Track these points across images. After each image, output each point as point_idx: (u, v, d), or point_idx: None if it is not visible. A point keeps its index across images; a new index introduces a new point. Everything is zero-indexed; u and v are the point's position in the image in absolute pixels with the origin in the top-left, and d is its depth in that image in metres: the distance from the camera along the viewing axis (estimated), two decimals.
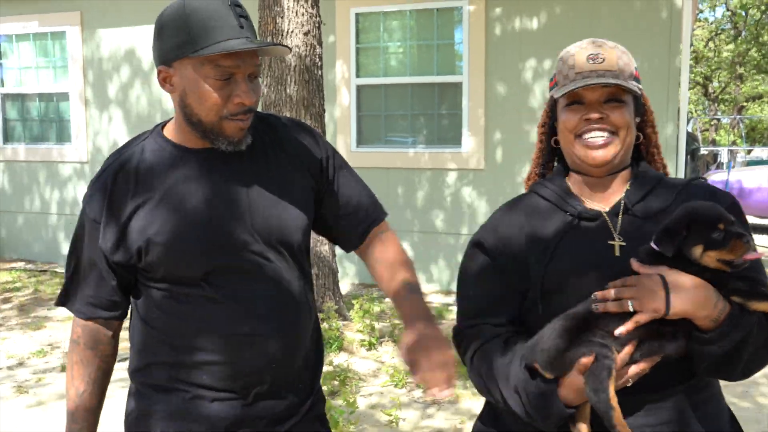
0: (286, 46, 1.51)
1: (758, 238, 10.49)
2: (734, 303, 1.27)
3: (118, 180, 1.52)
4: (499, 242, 1.50)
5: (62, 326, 5.82)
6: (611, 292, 1.30)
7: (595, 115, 1.41)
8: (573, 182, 1.51)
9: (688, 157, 15.52)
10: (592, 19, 6.26)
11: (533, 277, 1.43)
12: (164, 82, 1.50)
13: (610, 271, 1.34)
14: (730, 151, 17.93)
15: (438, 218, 6.89)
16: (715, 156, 18.87)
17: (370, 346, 5.11)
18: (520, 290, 1.46)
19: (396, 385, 4.40)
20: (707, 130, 30.95)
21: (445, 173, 6.84)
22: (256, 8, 5.37)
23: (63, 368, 4.83)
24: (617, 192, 1.47)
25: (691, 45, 22.15)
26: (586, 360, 1.27)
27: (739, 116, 27.71)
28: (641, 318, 1.26)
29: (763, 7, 20.33)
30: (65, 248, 8.23)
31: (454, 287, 6.73)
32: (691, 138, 15.19)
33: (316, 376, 1.72)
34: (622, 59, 1.43)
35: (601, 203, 1.47)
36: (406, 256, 1.73)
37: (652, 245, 1.32)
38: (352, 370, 4.63)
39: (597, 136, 1.41)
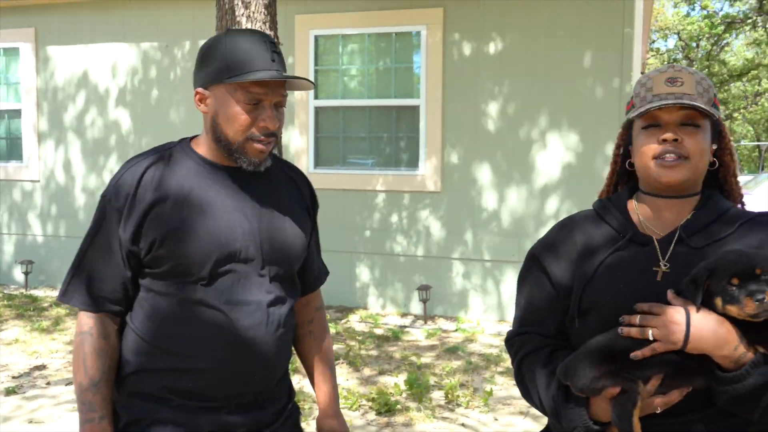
0: (311, 81, 1.68)
1: None
2: (759, 351, 1.30)
3: (146, 175, 1.62)
4: (552, 257, 1.56)
5: (7, 349, 5.66)
6: (636, 319, 1.34)
7: (669, 135, 1.41)
8: (639, 203, 1.53)
9: None
10: (546, 45, 6.39)
11: (574, 293, 1.48)
12: (200, 102, 1.66)
13: (648, 296, 1.37)
14: None
15: (395, 240, 6.91)
16: None
17: None
18: (566, 304, 1.52)
19: (350, 408, 4.37)
20: None
21: (403, 195, 6.88)
22: (214, 28, 5.36)
23: (8, 392, 4.69)
24: (679, 218, 1.48)
25: (644, 73, 22.75)
26: (613, 390, 1.33)
27: None
28: (659, 347, 1.31)
29: (712, 40, 21.02)
30: (15, 269, 8.03)
31: (410, 309, 6.80)
32: None
33: (290, 388, 1.84)
34: (701, 84, 1.44)
35: (660, 229, 1.48)
36: (331, 340, 1.99)
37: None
38: (305, 393, 4.59)
39: (669, 156, 1.42)
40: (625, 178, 1.61)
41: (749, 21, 19.88)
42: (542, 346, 1.53)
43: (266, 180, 1.72)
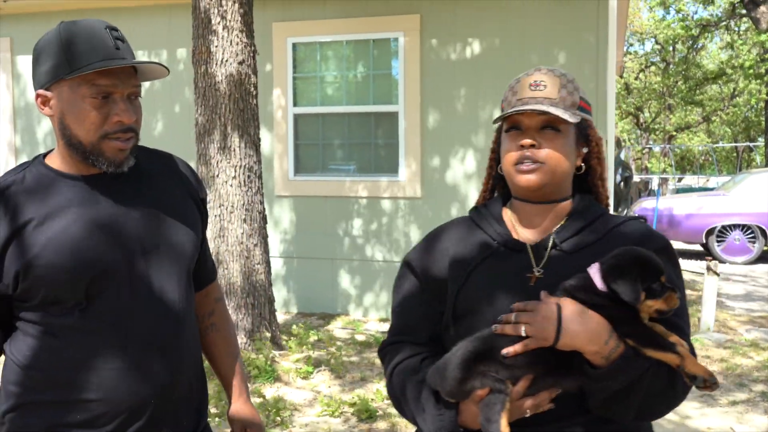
0: (163, 66, 1.53)
1: (686, 263, 10.84)
2: (629, 345, 1.29)
3: None
4: (426, 263, 1.53)
5: None
6: (512, 316, 1.32)
7: (526, 141, 1.41)
8: (512, 210, 1.53)
9: (622, 184, 16.01)
10: (521, 50, 6.44)
11: (448, 299, 1.46)
12: (43, 105, 1.50)
13: (519, 301, 1.35)
14: (662, 179, 18.55)
15: (375, 247, 6.92)
16: (646, 183, 19.50)
17: (306, 376, 5.07)
18: (440, 311, 1.49)
19: (331, 414, 4.37)
20: (640, 158, 32.03)
21: (383, 202, 6.89)
22: (191, 37, 5.36)
23: None
24: (552, 224, 1.48)
25: (622, 76, 22.93)
26: (481, 392, 1.30)
27: (669, 145, 28.76)
28: (530, 343, 1.28)
29: (688, 43, 21.27)
30: None
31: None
32: (624, 166, 15.68)
33: (201, 408, 1.70)
34: (566, 88, 1.44)
35: (533, 235, 1.48)
36: (234, 331, 1.88)
37: (602, 285, 1.32)
38: (285, 400, 4.58)
39: (526, 161, 1.42)
40: (501, 182, 1.60)
41: (722, 24, 20.16)
42: (414, 355, 1.48)
43: (137, 179, 1.56)
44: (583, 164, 1.51)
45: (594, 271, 1.34)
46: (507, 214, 1.53)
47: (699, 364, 1.30)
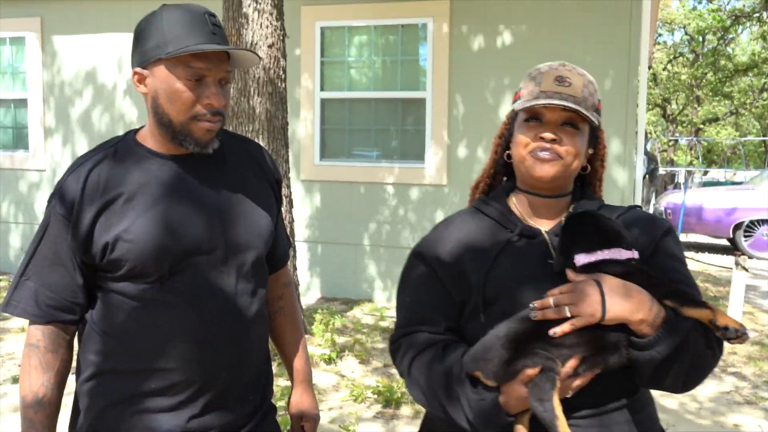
0: (256, 54, 1.55)
1: (713, 258, 10.72)
2: (668, 308, 1.29)
3: (90, 178, 1.54)
4: (439, 253, 1.51)
5: (15, 337, 5.68)
6: (549, 300, 1.30)
7: (548, 135, 1.42)
8: (518, 202, 1.54)
9: (647, 177, 15.83)
10: (552, 38, 6.37)
11: (474, 286, 1.44)
12: (138, 83, 1.56)
13: (548, 284, 1.34)
14: (688, 172, 18.32)
15: (401, 233, 6.91)
16: (672, 176, 19.27)
17: (330, 360, 5.09)
18: (458, 300, 1.47)
19: (356, 400, 4.38)
20: (666, 150, 31.65)
21: (409, 188, 6.88)
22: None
23: (15, 380, 4.71)
24: (558, 215, 1.51)
25: (651, 67, 22.63)
26: (531, 371, 1.27)
27: (696, 138, 28.38)
28: (578, 322, 1.27)
29: (719, 34, 20.92)
30: (21, 258, 8.04)
31: None
32: (650, 158, 15.48)
33: (267, 387, 1.75)
34: (587, 88, 1.45)
35: (541, 224, 1.50)
36: (301, 316, 1.89)
37: (624, 252, 1.34)
38: None
39: (545, 152, 1.43)
40: (502, 170, 1.61)
41: (755, 15, 19.80)
42: (433, 343, 1.45)
43: (221, 162, 1.63)
44: (588, 165, 1.56)
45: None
46: (512, 204, 1.55)
47: (728, 316, 1.29)
